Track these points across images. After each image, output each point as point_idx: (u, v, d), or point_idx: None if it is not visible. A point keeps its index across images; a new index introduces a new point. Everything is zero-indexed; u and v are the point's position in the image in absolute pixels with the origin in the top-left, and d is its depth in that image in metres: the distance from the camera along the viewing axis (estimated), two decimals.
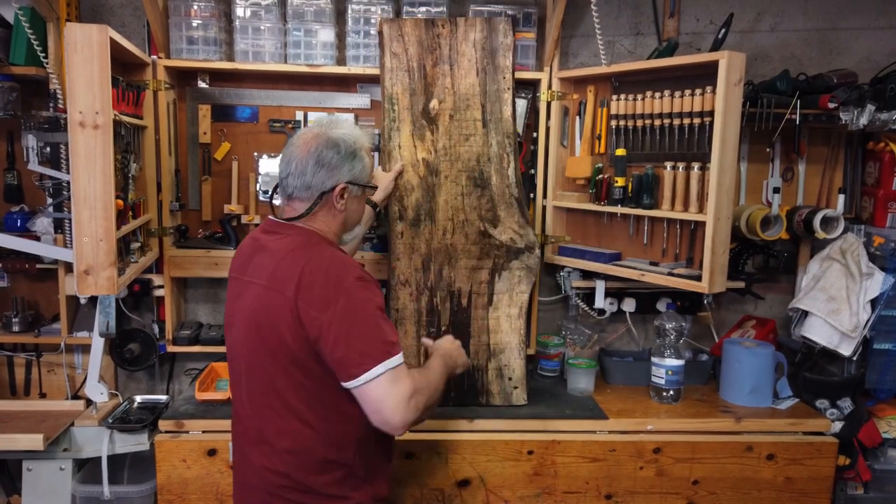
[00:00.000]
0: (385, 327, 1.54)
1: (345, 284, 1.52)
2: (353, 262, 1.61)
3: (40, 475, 2.30)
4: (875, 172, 2.62)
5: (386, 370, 1.49)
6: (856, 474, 2.40)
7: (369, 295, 1.54)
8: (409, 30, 2.32)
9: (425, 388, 1.57)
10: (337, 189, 1.65)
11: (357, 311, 1.51)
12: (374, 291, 1.57)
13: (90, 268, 1.88)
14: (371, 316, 1.52)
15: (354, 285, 1.52)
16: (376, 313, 1.53)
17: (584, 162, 2.55)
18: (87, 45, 1.80)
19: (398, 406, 1.48)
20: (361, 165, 1.69)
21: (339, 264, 1.56)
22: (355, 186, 1.69)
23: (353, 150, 1.67)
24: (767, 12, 2.70)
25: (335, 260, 1.57)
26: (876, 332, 2.45)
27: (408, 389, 1.50)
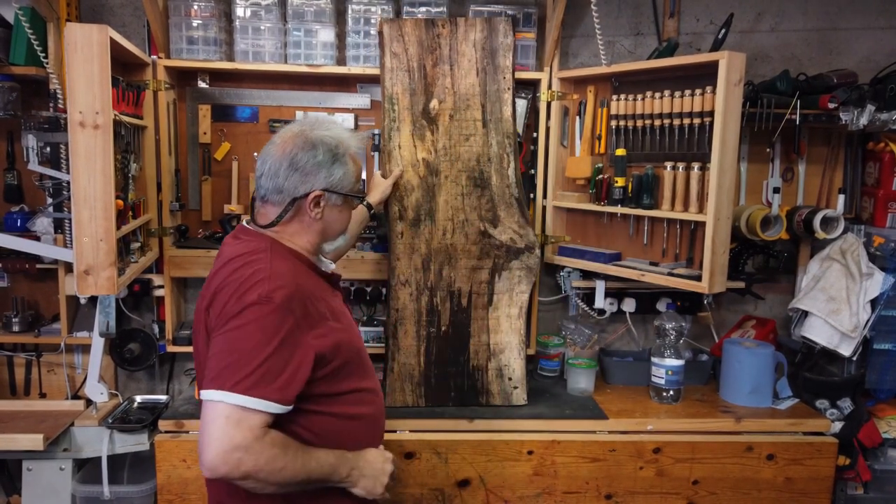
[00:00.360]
0: (262, 360, 1.32)
1: (247, 301, 1.34)
2: (282, 280, 1.39)
3: (40, 475, 2.30)
4: (875, 172, 2.62)
5: (225, 402, 1.29)
6: (856, 474, 2.40)
7: (270, 321, 1.34)
8: (409, 30, 2.32)
9: (267, 461, 1.31)
10: (311, 196, 1.49)
11: (242, 330, 1.34)
12: (282, 318, 1.35)
13: (90, 268, 1.88)
14: (249, 340, 1.33)
15: (257, 306, 1.34)
16: (264, 341, 1.33)
17: (584, 162, 2.55)
18: (88, 45, 1.80)
19: (215, 446, 1.28)
20: (343, 172, 1.52)
21: (257, 280, 1.37)
22: (334, 195, 1.52)
23: (333, 154, 1.51)
24: (767, 12, 2.70)
25: (256, 275, 1.39)
26: (876, 333, 2.45)
27: (237, 440, 1.28)
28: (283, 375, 1.34)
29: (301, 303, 1.40)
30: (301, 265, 1.51)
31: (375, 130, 2.58)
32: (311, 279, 1.51)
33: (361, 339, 1.65)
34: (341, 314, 1.56)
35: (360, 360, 1.58)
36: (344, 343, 1.49)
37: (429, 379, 2.35)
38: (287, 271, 1.43)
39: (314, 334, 1.41)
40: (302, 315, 1.39)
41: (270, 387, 1.32)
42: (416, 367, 2.35)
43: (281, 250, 1.49)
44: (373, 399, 1.60)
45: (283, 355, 1.35)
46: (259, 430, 1.31)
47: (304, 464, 1.38)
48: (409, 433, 2.22)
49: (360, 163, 1.60)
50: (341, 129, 1.58)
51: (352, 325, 1.61)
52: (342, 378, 1.49)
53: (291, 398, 1.36)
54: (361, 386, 1.55)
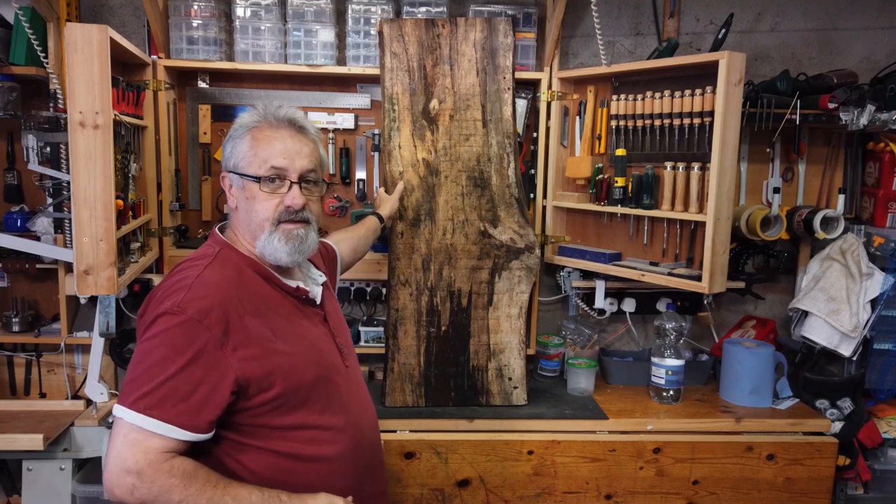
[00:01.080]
0: (166, 378, 1.20)
1: (159, 310, 1.25)
2: (203, 291, 1.27)
3: (40, 475, 2.29)
4: (875, 173, 2.62)
5: (124, 419, 1.20)
6: (856, 474, 2.40)
7: (178, 334, 1.23)
8: (409, 30, 2.32)
9: (161, 491, 1.18)
10: (222, 178, 1.44)
11: (150, 342, 1.24)
12: (193, 332, 1.23)
13: (90, 268, 1.88)
14: (154, 354, 1.23)
15: (167, 316, 1.24)
16: (169, 357, 1.22)
17: (584, 162, 2.55)
18: (88, 45, 1.80)
19: (109, 466, 1.20)
20: (231, 147, 1.41)
21: (176, 289, 1.28)
22: (235, 175, 1.39)
23: (230, 133, 1.42)
24: (767, 12, 2.70)
25: (178, 283, 1.30)
26: (876, 333, 2.45)
27: (129, 462, 1.18)
28: (191, 398, 1.21)
29: (222, 318, 1.26)
30: (249, 274, 1.38)
31: (375, 130, 2.58)
32: (257, 293, 1.36)
33: (327, 367, 1.42)
34: (297, 337, 1.38)
35: (316, 390, 1.37)
36: (282, 370, 1.31)
37: (429, 379, 2.35)
38: (216, 282, 1.30)
39: (240, 355, 1.26)
40: (222, 332, 1.25)
41: (174, 409, 1.20)
42: (416, 367, 2.34)
43: (228, 257, 1.38)
44: (335, 438, 1.39)
45: (192, 375, 1.22)
46: (156, 454, 1.19)
47: (213, 500, 1.20)
48: (409, 433, 2.22)
49: (273, 139, 1.38)
50: (262, 106, 1.44)
51: (310, 351, 1.40)
52: (286, 410, 1.33)
53: (203, 425, 1.23)
54: (317, 423, 1.37)
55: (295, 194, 1.38)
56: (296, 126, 1.42)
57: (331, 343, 1.48)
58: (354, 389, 1.50)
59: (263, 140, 1.38)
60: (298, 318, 1.42)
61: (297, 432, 1.35)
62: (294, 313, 1.42)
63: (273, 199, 1.37)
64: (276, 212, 1.37)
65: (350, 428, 1.43)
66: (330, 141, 2.60)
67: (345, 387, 1.45)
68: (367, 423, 1.53)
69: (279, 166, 1.37)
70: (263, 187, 1.37)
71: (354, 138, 2.61)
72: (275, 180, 1.37)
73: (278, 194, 1.38)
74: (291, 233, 1.38)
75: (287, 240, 1.38)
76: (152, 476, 1.19)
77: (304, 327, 1.42)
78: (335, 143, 2.61)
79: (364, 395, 1.56)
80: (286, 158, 1.38)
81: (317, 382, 1.38)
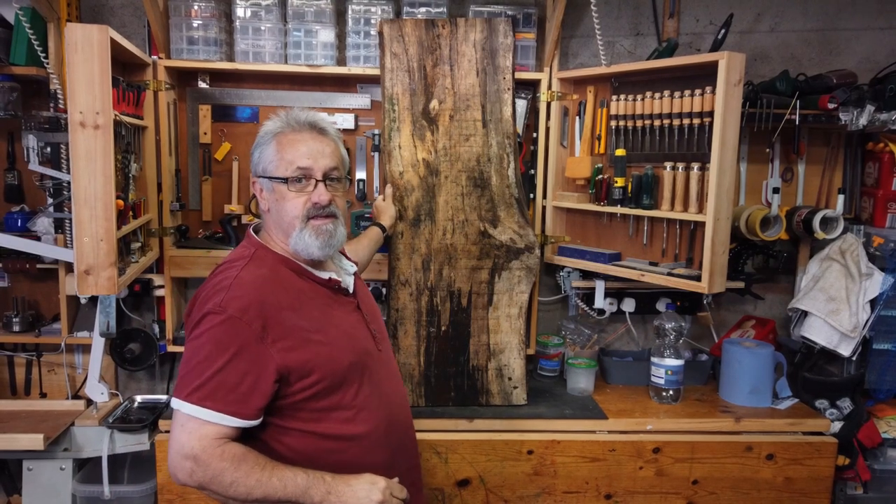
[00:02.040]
0: (215, 371, 1.31)
1: (204, 310, 1.36)
2: (242, 290, 1.37)
3: (41, 475, 2.30)
4: (874, 173, 2.62)
5: (181, 411, 1.32)
6: (855, 474, 2.40)
7: (222, 331, 1.33)
8: (409, 30, 2.32)
9: (214, 475, 1.30)
10: (254, 185, 1.53)
11: (198, 339, 1.35)
12: (235, 328, 1.33)
13: (90, 268, 1.88)
14: (202, 350, 1.33)
15: (211, 315, 1.35)
16: (216, 352, 1.32)
17: (583, 162, 2.55)
18: (88, 46, 1.80)
19: (171, 453, 1.32)
20: (259, 154, 1.49)
21: (218, 289, 1.38)
22: (264, 180, 1.49)
23: (256, 141, 1.51)
24: (767, 13, 2.71)
25: (220, 283, 1.40)
26: (875, 333, 2.45)
27: (186, 449, 1.30)
28: (239, 388, 1.32)
29: (261, 314, 1.35)
30: (284, 272, 1.47)
31: (375, 130, 2.59)
32: (292, 288, 1.45)
33: (361, 353, 1.50)
34: (332, 326, 1.47)
35: (351, 374, 1.46)
36: (320, 358, 1.41)
37: (429, 379, 2.35)
38: (253, 281, 1.40)
39: (279, 347, 1.36)
40: (261, 327, 1.35)
41: (224, 399, 1.31)
42: (416, 366, 2.35)
43: (263, 257, 1.47)
44: (370, 417, 1.48)
45: (238, 367, 1.32)
46: (210, 440, 1.30)
47: (262, 482, 1.31)
48: None
49: (297, 142, 1.47)
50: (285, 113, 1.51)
51: (345, 338, 1.49)
52: (325, 394, 1.42)
53: (252, 412, 1.34)
54: (353, 404, 1.46)
55: (321, 191, 1.46)
56: (317, 129, 1.50)
57: (364, 329, 1.57)
58: (387, 372, 1.59)
59: (288, 144, 1.47)
60: (333, 307, 1.51)
61: (335, 413, 1.44)
62: (328, 304, 1.50)
63: (301, 197, 1.46)
64: (305, 209, 1.46)
65: (384, 407, 1.52)
66: None
67: (378, 370, 1.54)
68: (399, 402, 1.61)
69: (304, 166, 1.45)
70: (291, 187, 1.45)
71: (354, 138, 2.61)
72: (301, 180, 1.46)
73: (305, 192, 1.46)
74: (321, 228, 1.46)
75: (317, 235, 1.46)
76: (207, 460, 1.29)
77: (338, 316, 1.50)
78: None
79: (396, 377, 1.65)
80: (310, 159, 1.46)
81: (352, 367, 1.46)
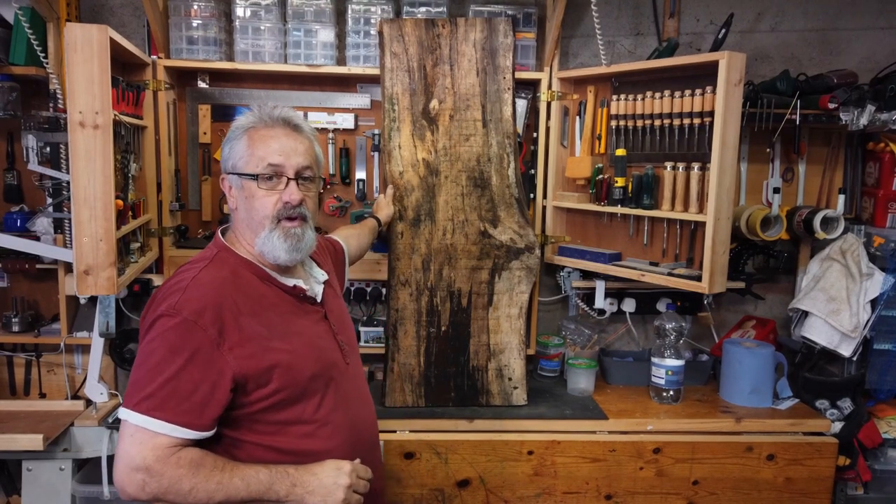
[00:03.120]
0: (167, 379, 1.25)
1: (157, 312, 1.30)
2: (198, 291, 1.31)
3: (40, 475, 2.29)
4: (875, 173, 2.62)
5: (128, 420, 1.25)
6: (856, 475, 2.40)
7: (175, 335, 1.27)
8: (409, 30, 2.32)
9: (171, 483, 1.23)
10: (222, 180, 1.47)
11: (147, 345, 1.29)
12: (188, 332, 1.27)
13: (90, 268, 1.88)
14: (154, 356, 1.27)
15: (164, 318, 1.29)
16: (168, 358, 1.26)
17: (584, 162, 2.55)
18: (87, 45, 1.80)
19: (119, 466, 1.25)
20: (228, 149, 1.43)
21: (173, 290, 1.32)
22: (234, 177, 1.42)
23: (228, 136, 1.45)
24: (767, 12, 2.70)
25: (176, 285, 1.34)
26: (876, 333, 2.44)
27: (137, 461, 1.22)
28: (193, 397, 1.25)
29: (217, 318, 1.29)
30: (246, 275, 1.41)
31: (375, 130, 2.58)
32: (253, 293, 1.39)
33: (326, 364, 1.44)
34: (294, 334, 1.40)
35: (313, 386, 1.40)
36: (280, 366, 1.34)
37: (429, 379, 2.35)
38: (211, 283, 1.34)
39: (236, 353, 1.29)
40: (217, 332, 1.28)
41: (177, 409, 1.24)
42: (416, 367, 2.34)
43: (225, 259, 1.41)
44: (332, 434, 1.41)
45: (191, 374, 1.26)
46: (164, 450, 1.23)
47: (223, 484, 1.25)
48: (409, 433, 2.22)
49: (269, 138, 1.40)
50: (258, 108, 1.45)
51: (308, 347, 1.42)
52: (283, 406, 1.36)
53: (207, 423, 1.27)
54: (313, 418, 1.39)
55: (292, 190, 1.41)
56: (291, 125, 1.44)
57: (331, 340, 1.50)
58: (354, 386, 1.52)
59: (259, 139, 1.41)
60: (297, 315, 1.45)
61: (294, 427, 1.38)
62: (292, 311, 1.44)
63: (271, 196, 1.40)
64: (275, 209, 1.40)
65: (348, 424, 1.46)
66: (330, 141, 2.60)
67: (344, 383, 1.48)
68: (366, 420, 1.55)
69: (275, 163, 1.40)
70: (261, 185, 1.39)
71: (354, 138, 2.61)
72: (272, 178, 1.40)
73: (276, 191, 1.40)
74: (290, 231, 1.41)
75: (286, 238, 1.41)
76: (161, 469, 1.23)
77: (302, 325, 1.44)
78: (335, 144, 2.61)
79: (364, 393, 1.58)
80: (282, 155, 1.40)
81: (315, 379, 1.40)
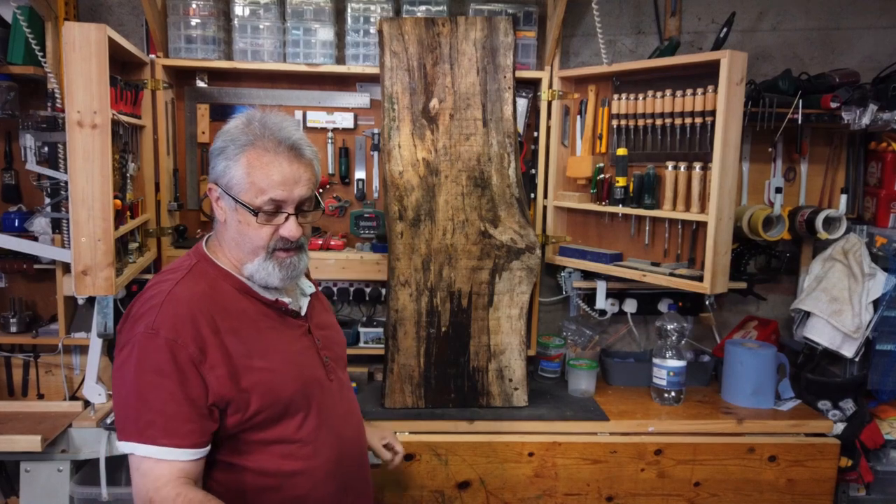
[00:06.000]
0: (151, 399, 1.22)
1: (135, 331, 1.26)
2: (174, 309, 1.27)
3: (38, 476, 2.28)
4: (877, 173, 2.61)
5: (132, 454, 1.24)
6: (858, 476, 2.39)
7: (154, 356, 1.23)
8: (409, 29, 2.31)
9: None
10: (210, 189, 1.37)
11: (129, 367, 1.25)
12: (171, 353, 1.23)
13: (88, 268, 1.87)
14: (141, 380, 1.23)
15: (142, 337, 1.25)
16: (148, 379, 1.23)
17: (585, 162, 2.54)
18: (86, 45, 1.79)
19: (136, 497, 1.24)
20: (223, 166, 1.31)
21: (149, 307, 1.28)
22: (226, 195, 1.32)
23: (221, 146, 1.32)
24: (769, 11, 2.69)
25: (150, 300, 1.29)
26: (878, 333, 2.43)
27: (144, 493, 1.22)
28: (186, 416, 1.23)
29: (197, 335, 1.26)
30: (225, 288, 1.36)
31: (375, 130, 2.57)
32: (232, 308, 1.34)
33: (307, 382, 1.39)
34: (274, 351, 1.35)
35: (294, 405, 1.35)
36: (262, 387, 1.30)
37: (429, 380, 2.34)
38: (189, 299, 1.29)
39: (216, 374, 1.26)
40: (198, 349, 1.25)
41: (177, 432, 1.22)
42: (416, 368, 2.33)
43: (203, 272, 1.36)
44: (314, 453, 1.37)
45: (178, 394, 1.23)
46: (165, 482, 1.21)
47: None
48: (409, 434, 2.21)
49: (270, 165, 1.29)
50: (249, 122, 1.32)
51: (289, 365, 1.37)
52: (262, 427, 1.32)
53: (206, 440, 1.26)
54: (294, 437, 1.35)
55: (291, 227, 1.33)
56: (294, 150, 1.32)
57: (313, 356, 1.45)
58: (338, 403, 1.47)
59: (260, 167, 1.29)
60: (278, 331, 1.39)
61: (273, 447, 1.34)
62: (273, 326, 1.39)
63: (268, 228, 1.33)
64: (272, 241, 1.34)
65: (332, 443, 1.42)
66: (329, 140, 2.59)
67: (327, 400, 1.43)
68: (353, 437, 1.50)
69: (277, 199, 1.31)
70: (260, 220, 1.32)
71: (354, 138, 2.60)
72: (272, 213, 1.32)
73: (273, 224, 1.33)
74: (285, 261, 1.36)
75: (281, 267, 1.36)
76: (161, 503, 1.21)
77: (283, 341, 1.39)
78: (334, 143, 2.60)
79: (350, 410, 1.53)
80: (284, 189, 1.30)
81: (296, 397, 1.36)
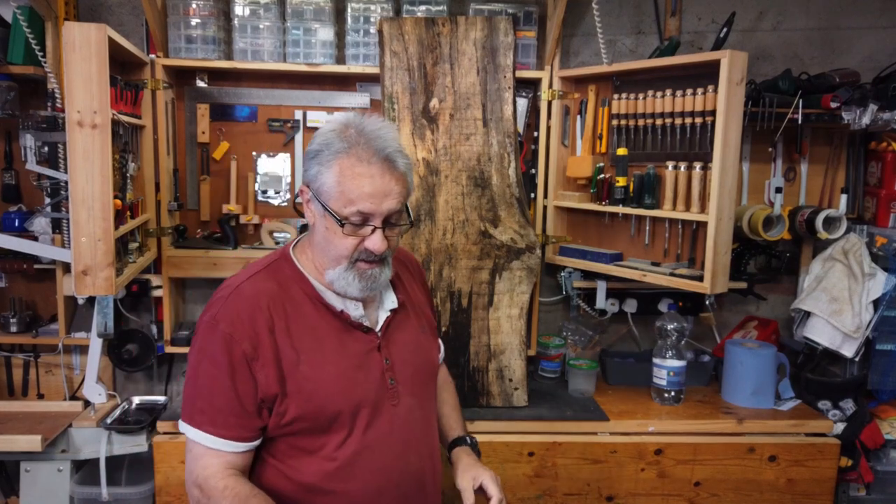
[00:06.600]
0: (203, 387, 1.28)
1: (202, 319, 1.33)
2: (237, 304, 1.30)
3: (38, 476, 2.29)
4: (877, 172, 2.61)
5: (186, 434, 1.31)
6: (858, 476, 2.39)
7: (212, 347, 1.28)
8: (409, 28, 2.30)
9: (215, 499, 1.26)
10: (301, 190, 1.36)
11: (194, 355, 1.32)
12: (227, 346, 1.27)
13: (88, 268, 1.87)
14: (200, 366, 1.30)
15: (205, 327, 1.31)
16: (208, 371, 1.28)
17: (585, 161, 2.54)
18: (86, 45, 1.79)
19: (186, 478, 1.31)
20: (316, 170, 1.30)
21: (216, 298, 1.33)
22: (316, 200, 1.31)
23: (317, 149, 1.31)
24: (769, 11, 2.69)
25: (220, 291, 1.35)
26: (878, 333, 2.43)
27: (194, 477, 1.28)
28: (236, 409, 1.27)
29: (252, 333, 1.28)
30: (295, 291, 1.35)
31: None
32: (295, 311, 1.34)
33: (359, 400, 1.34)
34: (328, 363, 1.32)
35: (338, 423, 1.32)
36: (302, 396, 1.29)
37: None
38: (253, 296, 1.31)
39: (266, 374, 1.28)
40: (252, 347, 1.27)
41: (225, 423, 1.27)
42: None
43: (278, 269, 1.37)
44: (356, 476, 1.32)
45: (231, 388, 1.27)
46: (214, 471, 1.27)
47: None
48: None
49: (362, 177, 1.27)
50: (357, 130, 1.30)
51: (340, 379, 1.33)
52: (304, 434, 1.32)
53: (254, 434, 1.30)
54: (336, 454, 1.32)
55: (377, 240, 1.30)
56: (388, 162, 1.29)
57: (376, 376, 1.38)
58: (397, 429, 1.38)
59: (351, 177, 1.27)
60: (339, 342, 1.36)
61: (312, 458, 1.33)
62: (332, 336, 1.35)
63: (353, 239, 1.31)
64: (356, 252, 1.32)
65: (374, 470, 1.35)
66: None
67: (380, 425, 1.36)
68: (412, 471, 1.41)
69: (365, 211, 1.28)
70: (346, 230, 1.30)
71: None
72: (358, 225, 1.30)
73: (359, 235, 1.31)
74: (366, 272, 1.34)
75: (361, 278, 1.34)
76: (209, 492, 1.26)
77: (341, 354, 1.35)
78: None
79: (416, 438, 1.43)
80: (373, 202, 1.27)
81: (342, 415, 1.32)
